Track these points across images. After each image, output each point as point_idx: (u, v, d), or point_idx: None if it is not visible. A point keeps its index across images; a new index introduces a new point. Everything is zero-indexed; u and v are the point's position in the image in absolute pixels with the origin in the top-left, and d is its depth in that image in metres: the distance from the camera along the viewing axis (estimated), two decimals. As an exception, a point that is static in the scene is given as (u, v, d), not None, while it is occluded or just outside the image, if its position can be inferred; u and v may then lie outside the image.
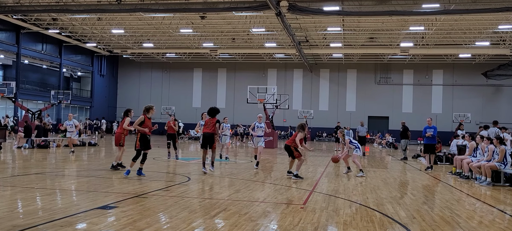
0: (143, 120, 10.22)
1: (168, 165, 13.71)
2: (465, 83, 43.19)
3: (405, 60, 43.05)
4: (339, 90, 45.59)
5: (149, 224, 5.68)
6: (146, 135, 10.25)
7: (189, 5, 26.56)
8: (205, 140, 11.28)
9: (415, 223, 6.30)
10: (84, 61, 46.22)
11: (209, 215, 6.32)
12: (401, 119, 28.43)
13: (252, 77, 45.15)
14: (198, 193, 8.47)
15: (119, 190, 8.35)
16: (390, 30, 33.24)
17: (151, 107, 10.41)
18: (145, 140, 10.29)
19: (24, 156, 15.72)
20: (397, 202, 7.97)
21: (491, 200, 8.68)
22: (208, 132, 11.21)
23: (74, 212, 6.21)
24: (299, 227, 5.78)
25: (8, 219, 5.65)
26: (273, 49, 40.18)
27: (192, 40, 39.24)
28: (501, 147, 10.89)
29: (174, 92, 48.99)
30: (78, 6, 27.96)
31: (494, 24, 30.39)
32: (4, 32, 35.83)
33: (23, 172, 10.93)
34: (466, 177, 12.02)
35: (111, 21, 34.27)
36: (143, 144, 10.26)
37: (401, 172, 14.37)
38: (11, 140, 24.08)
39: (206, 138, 11.22)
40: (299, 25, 31.93)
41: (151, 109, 10.41)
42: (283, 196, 8.27)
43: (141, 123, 10.20)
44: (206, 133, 11.21)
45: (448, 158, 17.12)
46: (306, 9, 24.81)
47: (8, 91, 28.33)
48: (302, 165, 11.46)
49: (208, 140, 11.21)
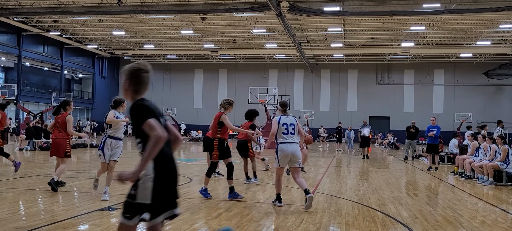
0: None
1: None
2: (466, 83, 43.12)
3: (406, 60, 43.01)
4: (340, 90, 45.55)
5: (152, 225, 5.67)
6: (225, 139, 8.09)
7: (190, 7, 26.58)
8: (238, 147, 10.18)
9: (418, 223, 6.29)
10: (85, 63, 46.26)
11: (211, 216, 6.32)
12: (402, 119, 28.43)
13: (253, 78, 45.13)
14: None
15: (121, 192, 8.34)
16: (391, 30, 33.22)
17: (231, 102, 8.11)
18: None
19: (26, 158, 15.73)
20: (399, 202, 7.96)
21: (494, 200, 8.66)
22: (241, 139, 10.23)
23: (76, 213, 6.22)
24: (301, 227, 5.78)
25: (11, 221, 5.66)
26: (274, 50, 40.18)
27: (193, 42, 39.27)
28: (504, 146, 10.87)
29: (175, 94, 49.01)
30: (79, 8, 28.00)
31: (495, 24, 30.35)
32: (5, 35, 35.88)
33: (25, 174, 10.93)
34: (468, 176, 12.01)
35: (112, 22, 34.31)
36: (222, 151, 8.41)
37: (403, 172, 14.35)
38: (13, 142, 24.11)
39: (239, 146, 10.19)
40: (300, 25, 31.93)
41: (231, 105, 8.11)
42: (285, 197, 8.26)
43: (220, 124, 7.92)
44: (239, 140, 10.23)
45: (450, 158, 17.11)
46: (307, 10, 24.82)
47: (9, 93, 28.40)
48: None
49: (241, 148, 10.17)
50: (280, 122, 7.22)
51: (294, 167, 7.21)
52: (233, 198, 7.63)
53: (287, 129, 7.17)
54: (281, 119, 7.26)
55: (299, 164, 7.26)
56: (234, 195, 7.70)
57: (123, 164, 12.74)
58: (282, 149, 7.13)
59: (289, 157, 7.10)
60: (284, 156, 7.11)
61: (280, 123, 7.21)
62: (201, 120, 46.64)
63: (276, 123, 7.25)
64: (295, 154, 7.12)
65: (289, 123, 7.23)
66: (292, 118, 7.36)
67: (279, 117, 7.31)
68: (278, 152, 7.18)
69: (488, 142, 11.85)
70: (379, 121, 43.65)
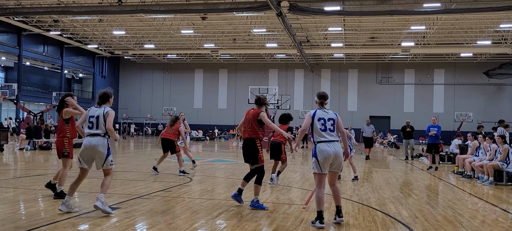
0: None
1: (170, 166, 13.71)
2: (466, 83, 43.12)
3: (406, 59, 43.01)
4: (340, 90, 45.56)
5: (152, 225, 5.68)
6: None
7: (190, 6, 26.58)
8: (272, 149, 9.72)
9: (418, 222, 6.28)
10: (85, 62, 46.29)
11: (211, 216, 6.32)
12: (402, 119, 28.40)
13: (253, 78, 45.15)
14: (200, 193, 8.46)
15: (121, 191, 8.35)
16: (391, 30, 33.21)
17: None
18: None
19: (26, 158, 15.73)
20: (399, 202, 7.95)
21: (494, 199, 8.65)
22: (275, 140, 9.78)
23: (76, 213, 6.21)
24: (302, 227, 5.78)
25: (11, 220, 5.66)
26: (274, 49, 40.19)
27: (193, 41, 39.28)
28: (504, 146, 10.87)
29: (175, 93, 49.02)
30: (79, 8, 28.00)
31: (496, 23, 30.34)
32: (6, 34, 35.90)
33: (25, 173, 10.93)
34: (468, 176, 12.00)
35: (112, 22, 34.32)
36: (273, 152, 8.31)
37: (403, 171, 14.34)
38: (13, 142, 24.12)
39: (272, 147, 9.75)
40: (300, 25, 31.93)
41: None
42: (285, 197, 8.26)
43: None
44: (273, 142, 9.80)
45: (450, 157, 17.10)
46: (307, 9, 24.81)
47: (10, 93, 28.40)
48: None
49: (274, 149, 9.73)
50: (315, 116, 5.98)
51: (334, 172, 5.99)
52: (235, 198, 7.14)
53: (324, 124, 5.93)
54: (316, 113, 6.02)
55: (341, 170, 6.11)
56: (238, 199, 7.13)
57: (122, 164, 12.71)
58: (322, 150, 5.82)
59: (332, 159, 5.82)
60: (325, 158, 5.79)
61: (315, 117, 5.97)
62: (201, 120, 46.68)
63: (310, 118, 6.01)
64: (338, 155, 5.87)
65: (326, 118, 5.98)
66: (331, 112, 6.12)
67: (314, 111, 6.09)
68: (316, 154, 5.84)
69: (488, 141, 11.84)
70: (379, 120, 43.60)
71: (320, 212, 5.77)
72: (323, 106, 6.16)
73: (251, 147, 6.95)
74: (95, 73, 47.58)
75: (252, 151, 6.94)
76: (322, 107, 6.15)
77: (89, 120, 6.29)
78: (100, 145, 6.13)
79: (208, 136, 41.11)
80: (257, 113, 6.95)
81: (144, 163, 14.53)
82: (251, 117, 6.98)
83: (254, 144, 6.93)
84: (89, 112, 6.38)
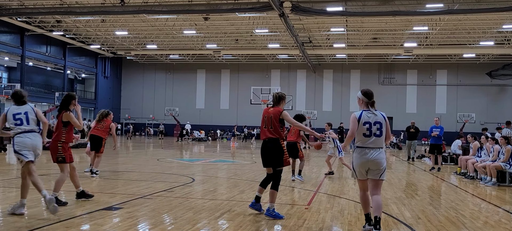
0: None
1: (172, 166, 13.73)
2: (469, 83, 43.01)
3: (409, 60, 42.93)
4: (342, 90, 45.51)
5: (154, 225, 5.69)
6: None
7: (192, 7, 26.61)
8: (288, 148, 9.41)
9: (420, 223, 6.27)
10: (88, 63, 46.38)
11: (214, 216, 6.32)
12: (405, 119, 28.37)
13: (255, 78, 45.15)
14: (203, 194, 8.47)
15: (124, 191, 8.37)
16: (394, 30, 33.17)
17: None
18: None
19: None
20: (401, 203, 7.94)
21: (497, 200, 8.63)
22: (291, 141, 10.33)
23: (79, 213, 6.23)
24: (304, 227, 5.78)
25: (13, 220, 5.68)
26: (277, 50, 40.17)
27: (196, 42, 39.31)
28: (507, 146, 10.83)
29: (177, 94, 49.06)
30: (82, 8, 28.07)
31: (498, 24, 30.27)
32: (9, 35, 36.00)
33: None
34: (471, 177, 11.97)
35: (114, 23, 34.38)
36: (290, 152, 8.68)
37: (405, 172, 14.32)
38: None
39: (289, 147, 9.91)
40: (303, 26, 31.91)
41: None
42: (287, 197, 8.26)
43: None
44: (289, 142, 10.23)
45: (453, 158, 17.06)
46: (309, 10, 24.80)
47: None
48: (305, 166, 11.42)
49: (291, 149, 10.04)
50: (361, 119, 5.34)
51: (374, 180, 5.35)
52: (253, 207, 6.57)
53: (369, 129, 5.29)
54: (362, 115, 5.38)
55: (381, 176, 5.34)
56: (257, 207, 6.58)
57: (125, 164, 12.71)
58: (357, 156, 5.34)
59: (368, 166, 5.30)
60: (361, 164, 5.32)
61: (361, 120, 5.33)
62: (203, 120, 46.73)
63: (356, 121, 5.35)
64: (377, 162, 5.25)
65: (373, 121, 5.33)
66: (379, 114, 5.43)
67: (360, 112, 5.44)
68: (353, 159, 5.46)
69: (491, 142, 11.81)
70: (381, 121, 43.55)
71: (366, 215, 5.51)
72: (371, 107, 5.47)
73: (275, 147, 6.35)
74: (98, 74, 47.66)
75: (277, 152, 6.34)
76: (368, 108, 5.47)
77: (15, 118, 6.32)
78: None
79: (210, 137, 41.14)
80: (278, 112, 6.42)
81: (146, 163, 14.56)
82: (272, 115, 6.42)
83: (278, 145, 6.34)
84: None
